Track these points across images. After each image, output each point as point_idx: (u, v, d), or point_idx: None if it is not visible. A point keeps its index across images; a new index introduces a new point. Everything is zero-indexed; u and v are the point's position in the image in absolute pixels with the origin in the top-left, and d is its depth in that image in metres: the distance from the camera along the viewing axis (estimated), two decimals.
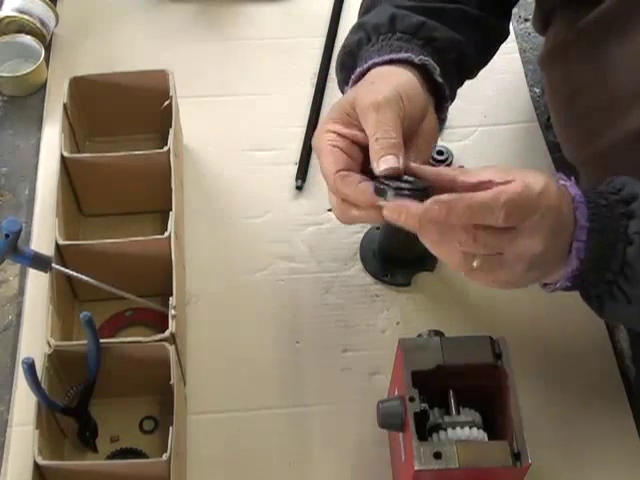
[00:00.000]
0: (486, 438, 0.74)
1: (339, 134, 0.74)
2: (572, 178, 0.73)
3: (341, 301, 0.97)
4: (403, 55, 0.78)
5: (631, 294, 0.71)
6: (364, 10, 0.89)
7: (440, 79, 0.79)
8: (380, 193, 0.69)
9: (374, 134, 0.71)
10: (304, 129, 1.10)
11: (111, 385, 0.85)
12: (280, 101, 1.14)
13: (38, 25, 1.16)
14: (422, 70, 0.78)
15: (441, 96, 0.81)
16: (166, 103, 1.00)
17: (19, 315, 0.94)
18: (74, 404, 0.84)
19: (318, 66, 1.17)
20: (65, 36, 1.21)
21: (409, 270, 0.98)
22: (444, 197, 0.66)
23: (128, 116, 1.04)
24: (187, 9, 1.25)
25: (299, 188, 1.05)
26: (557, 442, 0.86)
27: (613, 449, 0.87)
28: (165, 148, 0.95)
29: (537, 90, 1.16)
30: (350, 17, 1.23)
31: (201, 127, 1.11)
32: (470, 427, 0.74)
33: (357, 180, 0.71)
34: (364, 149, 0.73)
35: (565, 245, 0.70)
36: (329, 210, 1.04)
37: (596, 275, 0.71)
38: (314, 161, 1.08)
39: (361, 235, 1.01)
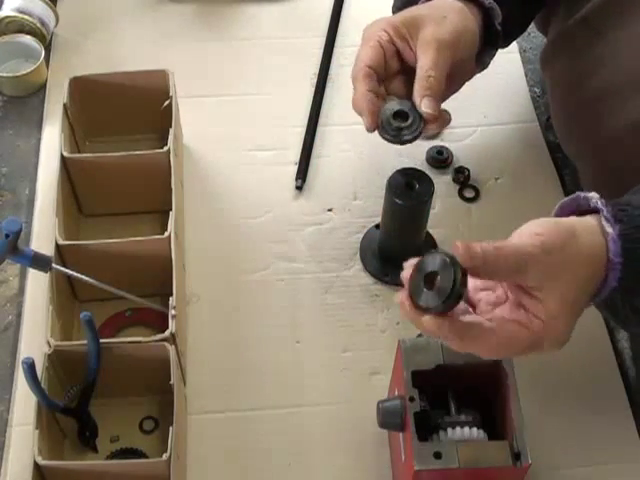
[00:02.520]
0: (486, 438, 0.74)
1: (392, 40, 0.81)
2: (617, 227, 0.68)
3: (341, 301, 0.97)
4: None
5: None
6: None
7: (499, 27, 0.84)
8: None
9: (427, 70, 0.78)
10: (304, 129, 1.10)
11: (111, 385, 0.85)
12: (280, 101, 1.14)
13: (38, 25, 1.16)
14: (484, 12, 0.84)
15: (491, 42, 0.86)
16: (166, 103, 1.00)
17: (19, 315, 0.94)
18: (74, 404, 0.84)
19: (318, 66, 1.17)
20: (65, 36, 1.21)
21: None
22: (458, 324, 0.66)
23: (128, 116, 1.04)
24: (187, 9, 1.25)
25: (299, 188, 1.05)
26: (557, 442, 0.86)
27: (613, 449, 0.87)
28: (165, 148, 0.95)
29: (537, 90, 1.16)
30: (350, 17, 1.23)
31: (201, 127, 1.11)
32: (470, 427, 0.74)
33: (369, 87, 0.80)
34: (402, 62, 0.83)
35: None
36: (329, 210, 1.04)
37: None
38: (314, 161, 1.08)
39: (361, 235, 1.01)
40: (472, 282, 0.70)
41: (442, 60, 0.79)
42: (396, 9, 0.94)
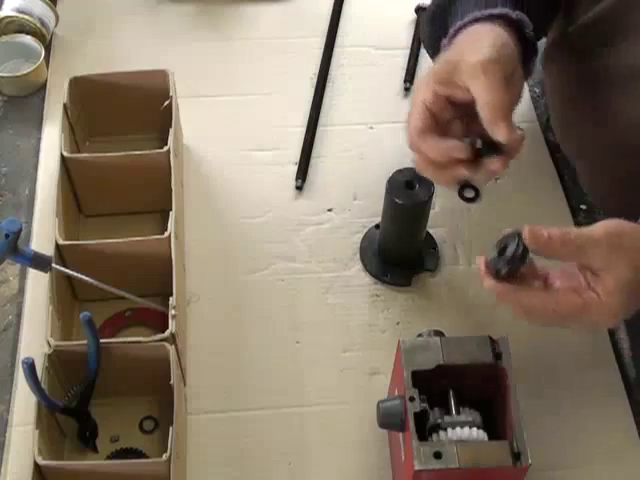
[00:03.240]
0: (486, 438, 0.74)
1: (436, 94, 0.78)
2: None
3: (341, 301, 0.97)
4: (501, 10, 0.82)
5: None
6: None
7: (532, 34, 0.84)
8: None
9: (484, 98, 0.76)
10: (304, 129, 1.10)
11: (111, 385, 0.85)
12: (280, 101, 1.14)
13: (38, 25, 1.16)
14: (515, 25, 0.83)
15: (530, 50, 0.85)
16: (166, 103, 1.00)
17: (19, 315, 0.94)
18: (74, 404, 0.84)
19: (318, 66, 1.17)
20: (65, 36, 1.21)
21: (409, 270, 0.98)
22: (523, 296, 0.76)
23: (128, 116, 1.04)
24: (187, 9, 1.25)
25: (299, 188, 1.05)
26: (557, 442, 0.86)
27: (613, 449, 0.87)
28: (165, 148, 0.95)
29: (537, 90, 1.16)
30: (350, 17, 1.23)
31: (201, 127, 1.11)
32: (470, 427, 0.74)
33: (431, 137, 0.78)
34: (460, 105, 0.79)
35: None
36: (329, 210, 1.04)
37: None
38: (314, 161, 1.08)
39: (361, 235, 1.01)
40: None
41: (493, 80, 0.76)
42: (429, 48, 0.97)
